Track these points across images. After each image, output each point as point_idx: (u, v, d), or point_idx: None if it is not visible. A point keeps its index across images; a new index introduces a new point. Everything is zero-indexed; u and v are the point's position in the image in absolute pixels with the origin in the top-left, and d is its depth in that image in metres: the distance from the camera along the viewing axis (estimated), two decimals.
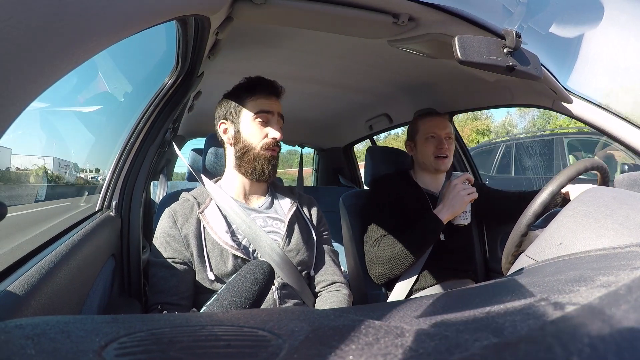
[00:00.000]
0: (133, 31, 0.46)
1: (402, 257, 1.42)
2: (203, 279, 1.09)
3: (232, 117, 1.19)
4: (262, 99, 1.18)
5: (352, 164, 3.40)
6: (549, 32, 1.19)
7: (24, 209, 1.43)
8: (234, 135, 1.19)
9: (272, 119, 1.18)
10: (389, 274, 1.46)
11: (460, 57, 0.85)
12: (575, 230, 0.77)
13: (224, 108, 1.22)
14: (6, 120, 0.30)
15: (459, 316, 0.38)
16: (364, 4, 1.01)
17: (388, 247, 1.45)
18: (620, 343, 0.21)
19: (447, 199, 1.44)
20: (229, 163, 1.24)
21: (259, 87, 1.19)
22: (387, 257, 1.44)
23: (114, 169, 1.25)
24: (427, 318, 0.39)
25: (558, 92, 1.27)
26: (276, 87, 1.21)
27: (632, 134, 1.22)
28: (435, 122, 1.63)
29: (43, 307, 0.56)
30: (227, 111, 1.21)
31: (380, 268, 1.46)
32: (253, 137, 1.17)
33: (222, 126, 1.22)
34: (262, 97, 1.18)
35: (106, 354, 0.28)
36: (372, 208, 1.59)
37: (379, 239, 1.50)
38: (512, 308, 0.39)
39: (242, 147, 1.18)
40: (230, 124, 1.20)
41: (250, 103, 1.18)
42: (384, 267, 1.45)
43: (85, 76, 1.65)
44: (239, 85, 1.23)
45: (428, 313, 0.41)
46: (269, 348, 0.31)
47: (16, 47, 0.28)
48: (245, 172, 1.19)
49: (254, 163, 1.17)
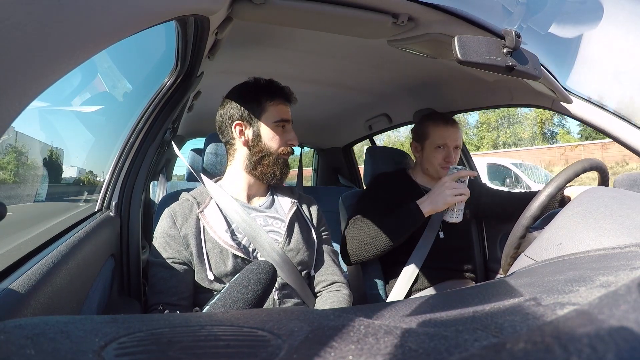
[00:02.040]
0: (132, 31, 0.46)
1: (376, 238, 1.40)
2: (202, 279, 1.09)
3: (251, 120, 1.19)
4: (282, 106, 1.20)
5: (352, 164, 3.40)
6: (548, 32, 1.19)
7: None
8: (253, 138, 1.19)
9: (289, 126, 1.21)
10: (360, 255, 1.43)
11: (459, 57, 0.85)
12: (575, 231, 0.77)
13: (239, 109, 1.19)
14: (5, 120, 0.30)
15: (458, 316, 0.38)
16: (363, 4, 1.01)
17: (365, 227, 1.43)
18: (619, 343, 0.21)
19: (432, 193, 1.39)
20: (238, 163, 1.22)
21: (280, 92, 1.20)
22: (361, 237, 1.43)
23: (113, 169, 1.25)
24: (427, 318, 0.39)
25: (557, 92, 1.27)
26: (291, 94, 1.23)
27: (631, 134, 1.22)
28: (448, 133, 1.59)
29: (42, 307, 0.56)
30: (243, 112, 1.19)
31: (352, 246, 1.44)
32: (273, 142, 1.18)
33: (238, 127, 1.19)
34: (281, 103, 1.20)
35: (106, 354, 0.28)
36: (365, 197, 1.59)
37: (358, 219, 1.49)
38: (511, 308, 0.39)
39: (260, 151, 1.18)
40: (247, 125, 1.19)
41: (271, 108, 1.18)
42: (356, 245, 1.43)
43: (84, 76, 1.65)
44: (255, 87, 1.21)
45: (427, 313, 0.41)
46: (269, 348, 0.31)
47: (15, 46, 0.28)
48: (261, 174, 1.19)
49: (273, 167, 1.19)
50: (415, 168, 1.71)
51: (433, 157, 1.60)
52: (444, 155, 1.58)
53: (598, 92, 1.29)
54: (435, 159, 1.59)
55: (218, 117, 1.24)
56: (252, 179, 1.21)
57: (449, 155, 1.58)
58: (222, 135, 1.25)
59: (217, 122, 1.24)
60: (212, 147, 1.41)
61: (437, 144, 1.59)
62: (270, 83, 1.22)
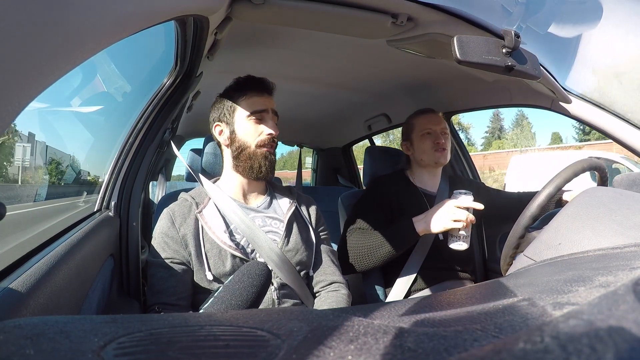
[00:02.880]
0: (132, 31, 0.46)
1: (374, 251, 1.39)
2: (201, 279, 1.09)
3: (226, 119, 1.20)
4: (255, 97, 1.19)
5: (351, 164, 3.40)
6: (547, 32, 1.20)
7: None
8: (230, 136, 1.20)
9: (267, 116, 1.19)
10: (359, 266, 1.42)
11: (458, 57, 0.85)
12: (574, 231, 0.77)
13: (218, 110, 1.22)
14: (5, 120, 0.30)
15: (457, 316, 0.39)
16: (362, 4, 1.01)
17: (363, 239, 1.42)
18: (618, 344, 0.21)
19: (431, 212, 1.34)
20: (227, 164, 1.24)
21: (249, 85, 1.20)
22: (359, 250, 1.42)
23: (112, 169, 1.25)
24: (426, 318, 0.39)
25: (557, 92, 1.27)
26: (267, 84, 1.22)
27: (630, 133, 1.22)
28: (430, 118, 1.62)
29: (42, 307, 0.56)
30: (220, 113, 1.21)
31: (352, 258, 1.43)
32: (248, 135, 1.17)
33: (217, 128, 1.22)
34: (254, 95, 1.19)
35: (105, 354, 0.28)
36: (362, 204, 1.59)
37: (355, 230, 1.48)
38: (510, 308, 0.39)
39: (237, 147, 1.18)
40: (224, 125, 1.21)
41: (243, 102, 1.18)
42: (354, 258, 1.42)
43: (84, 76, 1.65)
44: (230, 86, 1.23)
45: (426, 313, 0.41)
46: (268, 348, 0.31)
47: (14, 46, 0.28)
48: (243, 171, 1.19)
49: (250, 161, 1.17)
50: (412, 167, 1.71)
51: (423, 144, 1.60)
52: (433, 139, 1.58)
53: (597, 92, 1.29)
54: (425, 145, 1.60)
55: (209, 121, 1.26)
56: (243, 178, 1.21)
57: (437, 137, 1.58)
58: (214, 138, 1.26)
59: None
60: (211, 147, 1.41)
61: (423, 131, 1.60)
62: (245, 79, 1.22)
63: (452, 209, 1.30)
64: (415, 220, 1.36)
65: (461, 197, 1.33)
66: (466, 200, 1.32)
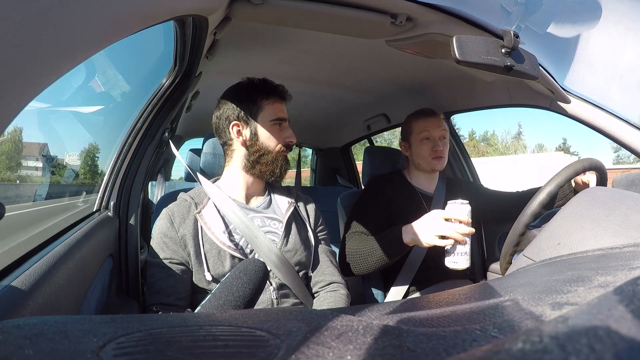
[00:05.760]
0: (131, 31, 0.46)
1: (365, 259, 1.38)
2: (200, 280, 1.09)
3: (247, 119, 1.19)
4: (278, 104, 1.20)
5: (350, 164, 3.40)
6: (547, 32, 1.20)
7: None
8: (250, 137, 1.19)
9: (285, 123, 1.22)
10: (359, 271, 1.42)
11: (458, 57, 0.86)
12: (573, 231, 0.77)
13: (235, 109, 1.19)
14: (4, 120, 0.30)
15: (456, 316, 0.39)
16: (361, 4, 1.01)
17: (358, 245, 1.42)
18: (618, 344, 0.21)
19: (418, 222, 1.25)
20: (236, 163, 1.22)
21: (275, 91, 1.21)
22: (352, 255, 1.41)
23: (111, 169, 1.25)
24: (425, 318, 0.39)
25: (556, 92, 1.27)
26: (287, 93, 1.24)
27: (630, 133, 1.22)
28: (429, 123, 1.61)
29: (41, 307, 0.56)
30: (240, 113, 1.19)
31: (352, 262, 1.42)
32: (271, 140, 1.19)
33: (235, 128, 1.19)
34: (277, 101, 1.20)
35: (104, 354, 0.28)
36: (360, 205, 1.59)
37: (354, 234, 1.48)
38: (509, 308, 0.39)
39: (258, 150, 1.18)
40: (244, 126, 1.19)
41: (268, 107, 1.18)
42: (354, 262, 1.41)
43: (83, 76, 1.65)
44: (250, 87, 1.21)
45: (425, 313, 0.41)
46: (267, 348, 0.31)
47: (14, 46, 0.28)
48: (261, 173, 1.19)
49: (272, 166, 1.19)
50: (409, 167, 1.71)
51: (421, 150, 1.60)
52: (431, 146, 1.58)
53: (597, 92, 1.29)
54: (423, 151, 1.60)
55: (214, 119, 1.24)
56: (250, 178, 1.21)
57: (436, 144, 1.58)
58: (220, 136, 1.24)
59: (214, 124, 1.24)
60: (211, 147, 1.41)
61: (422, 137, 1.60)
62: (264, 82, 1.22)
63: (438, 222, 1.17)
64: (404, 230, 1.28)
65: (450, 206, 1.16)
66: (457, 211, 1.14)
